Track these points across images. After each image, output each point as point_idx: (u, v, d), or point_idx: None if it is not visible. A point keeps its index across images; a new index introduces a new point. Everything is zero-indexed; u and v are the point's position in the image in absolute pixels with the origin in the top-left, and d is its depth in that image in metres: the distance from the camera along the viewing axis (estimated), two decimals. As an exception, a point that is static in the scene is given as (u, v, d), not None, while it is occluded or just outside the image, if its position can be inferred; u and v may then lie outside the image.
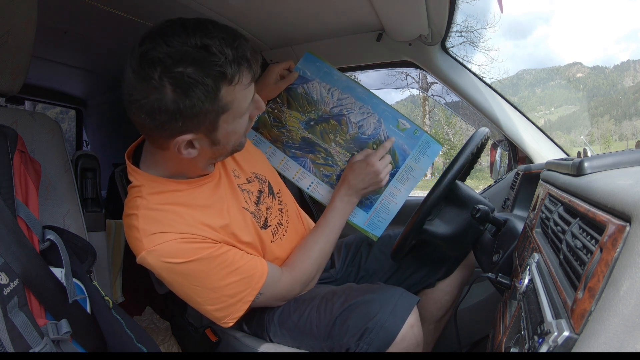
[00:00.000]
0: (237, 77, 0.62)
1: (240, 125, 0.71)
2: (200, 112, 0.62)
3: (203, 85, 0.59)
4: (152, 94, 0.59)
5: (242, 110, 0.68)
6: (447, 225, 0.83)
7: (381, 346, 0.76)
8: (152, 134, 0.67)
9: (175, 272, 0.71)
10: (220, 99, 0.62)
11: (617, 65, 30.04)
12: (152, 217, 0.70)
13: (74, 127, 2.54)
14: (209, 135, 0.67)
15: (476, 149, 0.83)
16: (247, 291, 0.79)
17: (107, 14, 1.15)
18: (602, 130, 23.79)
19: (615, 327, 0.26)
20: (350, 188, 0.95)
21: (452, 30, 1.23)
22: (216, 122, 0.65)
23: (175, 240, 0.69)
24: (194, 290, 0.75)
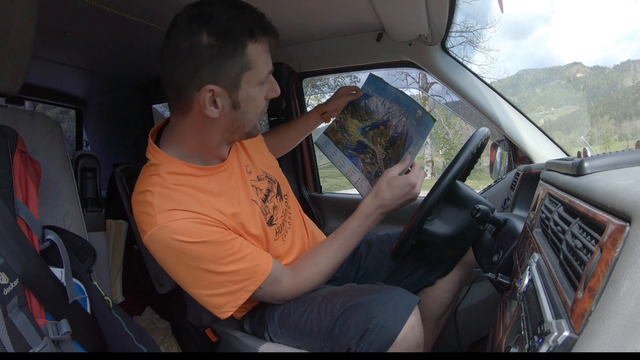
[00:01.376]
0: (263, 37, 0.71)
1: (259, 96, 0.76)
2: (228, 61, 0.69)
3: (233, 36, 0.68)
4: (189, 39, 0.67)
5: (262, 75, 0.73)
6: (447, 225, 0.83)
7: (382, 346, 0.75)
8: (181, 88, 0.71)
9: (184, 252, 0.72)
10: (245, 54, 0.69)
11: (617, 65, 30.04)
12: (168, 195, 0.72)
13: (74, 127, 2.54)
14: (232, 93, 0.72)
15: (476, 149, 0.83)
16: (251, 280, 0.79)
17: (107, 14, 1.15)
18: (602, 130, 23.76)
19: (615, 327, 0.26)
20: (382, 207, 0.90)
21: (452, 30, 1.23)
22: (239, 79, 0.71)
23: (189, 219, 0.71)
24: (198, 274, 0.75)
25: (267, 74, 0.75)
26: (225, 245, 0.75)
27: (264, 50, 0.72)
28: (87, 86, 2.21)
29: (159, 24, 1.29)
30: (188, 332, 1.18)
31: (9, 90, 0.72)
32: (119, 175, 1.24)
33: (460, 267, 1.07)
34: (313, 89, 7.00)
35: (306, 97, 1.83)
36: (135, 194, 0.76)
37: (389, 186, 0.90)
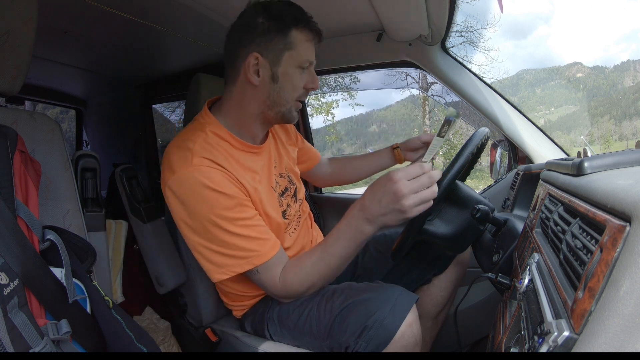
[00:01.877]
0: (306, 28, 0.84)
1: (297, 78, 0.85)
2: (274, 38, 0.82)
3: (281, 20, 0.82)
4: (250, 18, 0.84)
5: (301, 59, 0.84)
6: (447, 225, 0.83)
7: (380, 344, 0.76)
8: (235, 56, 0.85)
9: (205, 198, 0.77)
10: (289, 35, 0.82)
11: (617, 65, 30.02)
12: (207, 149, 0.81)
13: (74, 127, 2.54)
14: (273, 66, 0.83)
15: (476, 149, 0.83)
16: (255, 254, 0.81)
17: (107, 14, 1.15)
18: (602, 130, 23.75)
19: (615, 327, 0.26)
20: (363, 210, 0.75)
21: (452, 30, 1.23)
22: (281, 56, 0.83)
23: (220, 171, 0.79)
24: (210, 226, 0.78)
25: (306, 60, 0.85)
26: (242, 207, 0.80)
27: (306, 39, 0.85)
28: (87, 86, 2.21)
29: (159, 24, 1.29)
30: (188, 332, 1.18)
31: (9, 90, 0.72)
32: (119, 175, 1.24)
33: (455, 266, 1.08)
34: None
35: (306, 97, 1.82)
36: (177, 141, 0.84)
37: (371, 186, 0.77)
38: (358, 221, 0.77)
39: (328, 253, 0.82)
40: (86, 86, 2.21)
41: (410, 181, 0.70)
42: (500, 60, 40.35)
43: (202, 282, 1.15)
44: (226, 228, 0.78)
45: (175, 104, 3.70)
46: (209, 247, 0.80)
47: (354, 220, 0.78)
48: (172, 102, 2.96)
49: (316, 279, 0.84)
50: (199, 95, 1.24)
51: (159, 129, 2.91)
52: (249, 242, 0.80)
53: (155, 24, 1.27)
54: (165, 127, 3.98)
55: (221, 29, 1.32)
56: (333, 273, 0.84)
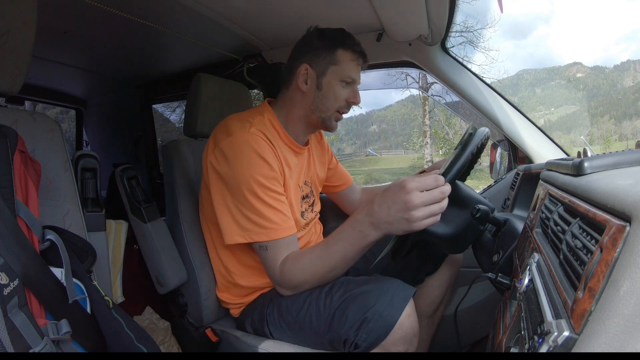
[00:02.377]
0: (350, 49, 0.98)
1: (339, 90, 0.98)
2: (322, 53, 0.97)
3: (330, 41, 0.98)
4: (308, 39, 1.01)
5: (345, 73, 0.97)
6: (447, 225, 0.83)
7: (380, 335, 0.77)
8: (292, 66, 1.00)
9: (251, 162, 0.86)
10: (335, 54, 0.97)
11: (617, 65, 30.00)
12: (264, 127, 0.94)
13: (74, 127, 2.54)
14: (319, 77, 0.98)
15: (476, 149, 0.83)
16: (275, 227, 0.87)
17: (107, 14, 1.15)
18: (602, 130, 23.79)
19: (615, 327, 0.26)
20: (370, 215, 0.76)
21: (452, 30, 1.23)
22: (326, 69, 0.97)
23: (270, 146, 0.90)
24: (245, 191, 0.85)
25: (348, 75, 0.98)
26: (277, 182, 0.89)
27: (350, 58, 0.98)
28: (87, 86, 2.21)
29: (159, 24, 1.29)
30: (188, 332, 1.18)
31: (9, 90, 0.72)
32: (119, 175, 1.24)
33: (449, 264, 1.10)
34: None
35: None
36: (237, 115, 0.98)
37: (384, 190, 0.77)
38: (363, 225, 0.78)
39: (327, 252, 0.83)
40: (86, 86, 2.21)
41: (422, 193, 0.70)
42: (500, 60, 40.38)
43: (202, 282, 1.15)
44: (259, 195, 0.86)
45: (175, 104, 3.71)
46: (239, 209, 0.87)
47: (358, 224, 0.79)
48: (172, 102, 2.96)
49: (310, 275, 0.86)
50: (199, 95, 1.25)
51: (159, 129, 2.91)
52: (274, 214, 0.87)
53: (155, 24, 1.27)
54: (165, 127, 3.99)
55: (221, 29, 1.33)
56: (328, 274, 0.85)
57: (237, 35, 1.39)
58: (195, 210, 1.20)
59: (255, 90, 1.84)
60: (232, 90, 1.36)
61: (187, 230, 1.18)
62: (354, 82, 1.00)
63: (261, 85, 1.67)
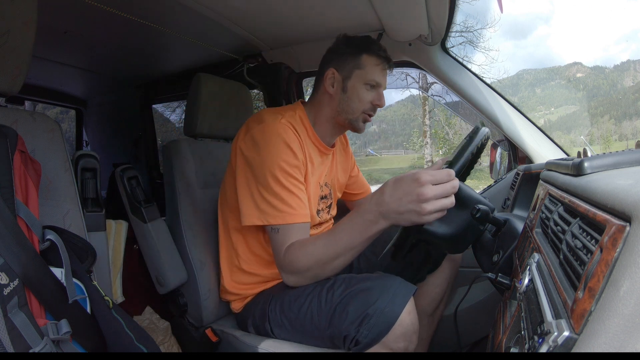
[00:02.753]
0: (374, 54, 1.02)
1: (363, 93, 1.03)
2: (348, 58, 1.03)
3: (356, 47, 1.03)
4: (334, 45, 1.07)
5: (369, 77, 1.02)
6: (447, 226, 0.83)
7: (382, 331, 0.77)
8: (322, 70, 1.07)
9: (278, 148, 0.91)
10: (360, 58, 1.02)
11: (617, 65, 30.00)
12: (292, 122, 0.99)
13: (74, 127, 2.54)
14: (344, 80, 1.03)
15: (476, 149, 0.83)
16: (291, 212, 0.90)
17: (107, 14, 1.15)
18: (602, 130, 23.78)
19: (615, 327, 0.26)
20: (380, 205, 0.76)
21: (452, 30, 1.23)
22: (351, 72, 1.02)
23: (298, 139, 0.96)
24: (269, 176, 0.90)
25: (373, 79, 1.02)
26: (299, 172, 0.94)
27: (375, 63, 1.02)
28: (87, 86, 2.21)
29: (159, 24, 1.29)
30: (188, 332, 1.18)
31: (9, 90, 0.72)
32: (119, 175, 1.24)
33: (448, 263, 1.10)
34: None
35: (306, 97, 1.82)
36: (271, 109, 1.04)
37: (395, 181, 0.77)
38: (372, 215, 0.78)
39: (333, 239, 0.83)
40: (86, 86, 2.21)
41: (435, 186, 0.70)
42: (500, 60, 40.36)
43: (202, 282, 1.15)
44: (281, 180, 0.90)
45: (175, 104, 3.70)
46: (260, 193, 0.91)
47: (367, 213, 0.79)
48: (172, 102, 2.96)
49: (313, 261, 0.86)
50: (199, 95, 1.25)
51: (159, 129, 2.91)
52: (292, 199, 0.90)
53: (155, 24, 1.27)
54: (165, 127, 3.98)
55: (221, 29, 1.33)
56: (332, 262, 0.84)
57: (237, 35, 1.39)
58: (194, 210, 1.20)
59: (255, 90, 1.84)
60: (232, 90, 1.36)
61: (187, 230, 1.18)
62: (379, 85, 1.04)
63: (261, 85, 1.67)
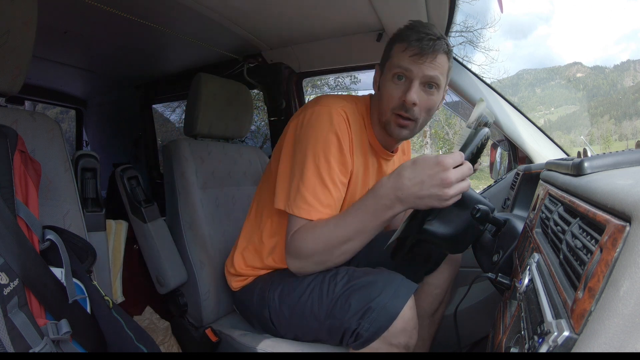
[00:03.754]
0: (405, 41, 0.86)
1: (391, 88, 0.88)
2: (386, 51, 0.93)
3: (393, 36, 0.91)
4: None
5: (394, 66, 0.87)
6: (447, 226, 0.83)
7: (383, 325, 0.77)
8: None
9: (324, 130, 0.85)
10: (392, 49, 0.89)
11: (617, 65, 30.00)
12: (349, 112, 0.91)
13: (74, 127, 2.54)
14: (381, 76, 0.92)
15: (476, 149, 0.83)
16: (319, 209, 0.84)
17: (107, 14, 1.15)
18: (602, 130, 23.78)
19: (615, 327, 0.26)
20: (398, 189, 0.74)
21: (452, 30, 1.23)
22: (384, 67, 0.92)
23: (345, 125, 0.88)
24: (309, 159, 0.84)
25: (399, 65, 0.86)
26: (341, 165, 0.87)
27: (402, 49, 0.86)
28: (87, 86, 2.21)
29: (159, 24, 1.29)
30: (188, 332, 1.18)
31: (9, 90, 0.72)
32: (119, 175, 1.24)
33: (448, 263, 1.10)
34: (313, 88, 7.01)
35: (306, 97, 1.82)
36: (332, 95, 0.97)
37: (413, 163, 0.74)
38: (388, 199, 0.76)
39: (344, 221, 0.81)
40: (86, 86, 2.21)
41: (456, 169, 0.70)
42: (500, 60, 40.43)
43: (202, 282, 1.15)
44: (319, 166, 0.84)
45: (175, 104, 3.70)
46: (296, 179, 0.86)
47: (383, 198, 0.77)
48: (172, 102, 2.96)
49: (322, 244, 0.83)
50: (200, 95, 1.25)
51: (159, 129, 2.91)
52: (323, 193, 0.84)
53: (155, 24, 1.27)
54: (165, 127, 3.98)
55: (221, 29, 1.33)
56: (341, 245, 0.82)
57: (237, 35, 1.39)
58: (194, 210, 1.19)
59: (255, 90, 1.84)
60: (232, 90, 1.36)
61: (187, 230, 1.18)
62: (408, 75, 0.86)
63: (261, 85, 1.67)
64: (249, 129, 1.46)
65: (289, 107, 1.68)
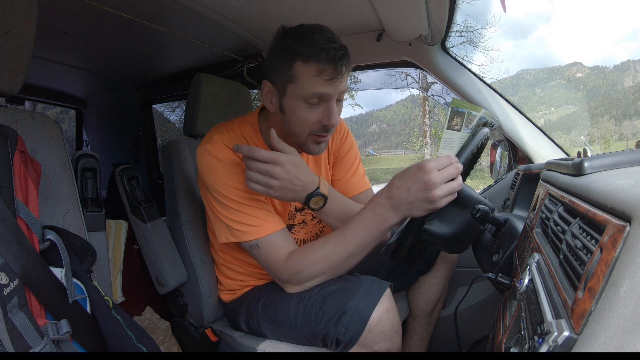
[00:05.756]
0: (312, 60, 0.78)
1: (303, 112, 0.82)
2: (280, 66, 0.81)
3: (288, 49, 0.80)
4: (274, 43, 0.85)
5: (306, 92, 0.80)
6: (447, 226, 0.83)
7: (358, 329, 0.77)
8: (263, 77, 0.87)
9: (214, 168, 0.85)
10: (292, 68, 0.79)
11: (617, 65, 30.04)
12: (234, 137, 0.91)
13: (74, 127, 2.54)
14: (280, 97, 0.84)
15: (476, 149, 0.83)
16: (260, 224, 0.84)
17: (107, 14, 1.15)
18: (602, 130, 23.78)
19: (615, 327, 0.26)
20: (390, 198, 0.76)
21: (452, 30, 1.23)
22: (285, 87, 0.82)
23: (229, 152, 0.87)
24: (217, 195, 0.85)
25: (314, 93, 0.80)
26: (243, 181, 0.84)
27: (313, 73, 0.78)
28: (87, 86, 2.21)
29: (159, 24, 1.29)
30: (188, 332, 1.18)
31: (9, 90, 0.72)
32: (119, 175, 1.24)
33: (444, 261, 1.10)
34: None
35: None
36: (220, 126, 0.94)
37: (402, 172, 0.77)
38: (383, 208, 0.77)
39: (345, 237, 0.81)
40: (86, 86, 2.21)
41: (440, 171, 0.72)
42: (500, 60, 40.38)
43: (203, 281, 1.15)
44: (232, 198, 0.85)
45: (175, 104, 3.71)
46: (222, 212, 0.86)
47: (378, 208, 0.78)
48: (172, 102, 2.96)
49: (324, 265, 0.83)
50: (199, 95, 1.25)
51: (159, 129, 2.91)
52: (255, 212, 0.85)
53: (155, 24, 1.27)
54: (165, 127, 3.99)
55: (221, 29, 1.33)
56: (345, 262, 0.83)
57: (237, 35, 1.39)
58: (195, 210, 1.20)
59: (255, 90, 1.84)
60: (232, 90, 1.36)
61: (187, 230, 1.18)
62: (326, 98, 0.81)
63: (261, 85, 1.67)
64: (249, 129, 1.46)
65: (289, 107, 1.68)
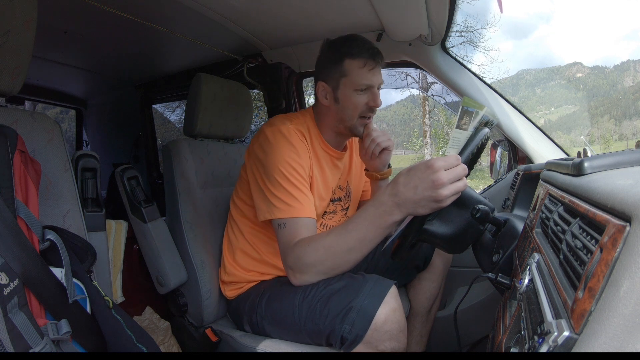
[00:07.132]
0: (357, 57, 0.98)
1: (356, 100, 1.00)
2: (332, 68, 1.01)
3: (336, 52, 1.01)
4: (320, 53, 1.06)
5: (356, 83, 0.99)
6: (447, 226, 0.83)
7: (363, 326, 0.77)
8: (315, 82, 1.07)
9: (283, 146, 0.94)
10: (342, 65, 0.99)
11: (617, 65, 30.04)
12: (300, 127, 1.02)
13: (74, 127, 2.54)
14: (334, 91, 1.02)
15: (476, 149, 0.83)
16: (297, 206, 0.90)
17: (107, 14, 1.15)
18: (602, 130, 23.78)
19: (615, 327, 0.26)
20: (395, 195, 0.76)
21: (452, 30, 1.23)
22: (339, 82, 1.01)
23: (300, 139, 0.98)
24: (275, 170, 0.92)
25: (362, 83, 0.99)
26: (303, 169, 0.95)
27: (358, 66, 0.98)
28: (87, 86, 2.21)
29: (159, 24, 1.29)
30: (188, 332, 1.18)
31: (9, 90, 0.72)
32: (119, 175, 1.24)
33: (440, 257, 1.12)
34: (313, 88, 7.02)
35: (306, 97, 1.82)
36: (283, 115, 1.08)
37: (408, 170, 0.77)
38: (387, 206, 0.78)
39: (347, 231, 0.82)
40: (86, 86, 2.21)
41: (447, 171, 0.72)
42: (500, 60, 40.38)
43: (203, 281, 1.15)
44: (287, 176, 0.92)
45: (175, 104, 3.71)
46: (269, 189, 0.92)
47: (382, 205, 0.78)
48: (172, 102, 2.96)
49: (323, 254, 0.84)
50: (199, 95, 1.25)
51: (159, 129, 2.91)
52: (298, 193, 0.91)
53: (155, 24, 1.27)
54: (165, 127, 3.99)
55: (221, 29, 1.33)
56: (344, 255, 0.83)
57: (237, 35, 1.39)
58: (195, 210, 1.19)
59: (255, 90, 1.84)
60: (232, 90, 1.36)
61: (187, 230, 1.18)
62: (370, 86, 1.00)
63: (261, 85, 1.67)
64: (249, 129, 1.46)
65: (289, 107, 1.68)
